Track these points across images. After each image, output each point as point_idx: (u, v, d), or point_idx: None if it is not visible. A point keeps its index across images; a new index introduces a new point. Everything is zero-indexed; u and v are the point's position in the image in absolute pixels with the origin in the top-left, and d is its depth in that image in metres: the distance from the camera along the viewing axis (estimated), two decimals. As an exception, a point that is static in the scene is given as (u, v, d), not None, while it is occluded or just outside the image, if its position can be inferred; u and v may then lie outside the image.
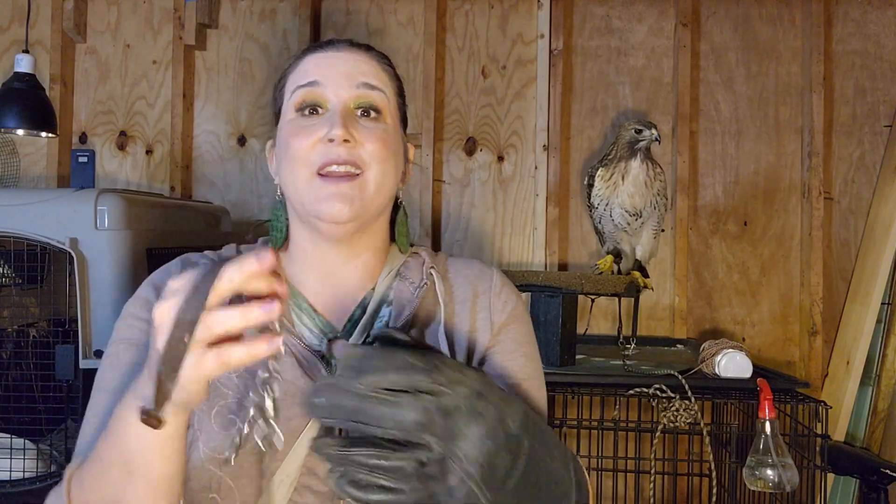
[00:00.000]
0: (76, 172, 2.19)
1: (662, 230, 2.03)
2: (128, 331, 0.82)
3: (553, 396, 1.55)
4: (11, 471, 1.42)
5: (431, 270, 0.88)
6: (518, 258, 2.15)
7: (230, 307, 0.58)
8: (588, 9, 2.17)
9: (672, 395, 1.49)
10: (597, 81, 2.16)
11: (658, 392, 1.50)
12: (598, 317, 2.11)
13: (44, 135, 2.05)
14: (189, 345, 0.56)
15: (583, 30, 2.17)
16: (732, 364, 1.53)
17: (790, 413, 1.54)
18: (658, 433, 1.48)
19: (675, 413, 1.48)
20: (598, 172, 1.94)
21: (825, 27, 2.07)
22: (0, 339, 1.56)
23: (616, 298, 2.03)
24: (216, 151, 2.23)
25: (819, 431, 1.49)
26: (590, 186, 1.96)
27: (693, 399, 1.48)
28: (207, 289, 0.57)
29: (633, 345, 1.89)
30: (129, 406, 0.63)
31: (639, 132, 1.87)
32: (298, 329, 0.83)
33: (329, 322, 0.84)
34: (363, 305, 0.85)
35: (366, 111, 0.83)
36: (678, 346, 1.96)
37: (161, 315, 0.58)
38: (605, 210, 1.93)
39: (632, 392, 1.51)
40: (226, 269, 0.58)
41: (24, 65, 1.93)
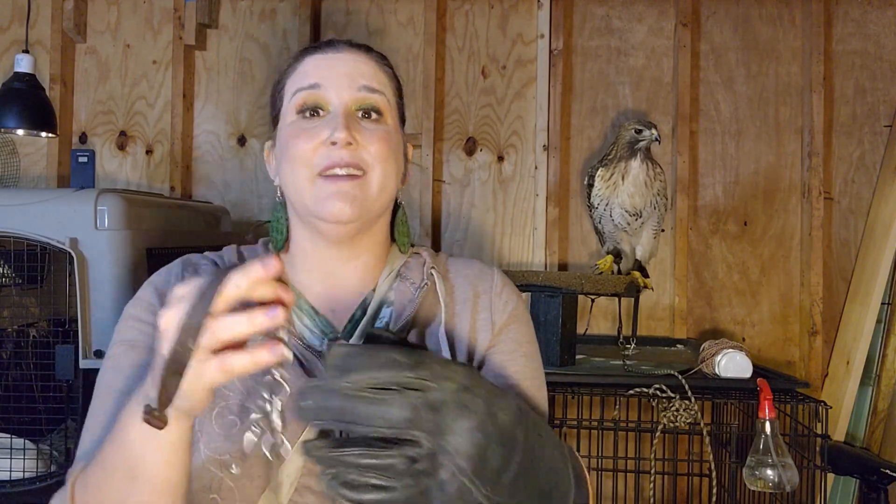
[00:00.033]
0: (76, 172, 2.19)
1: (662, 230, 2.03)
2: (129, 332, 0.82)
3: (553, 396, 1.55)
4: (11, 471, 1.42)
5: (432, 271, 0.88)
6: (518, 258, 2.15)
7: (236, 313, 0.58)
8: (588, 9, 2.17)
9: (672, 395, 1.49)
10: (597, 81, 2.16)
11: (658, 392, 1.50)
12: (598, 317, 2.11)
13: (44, 135, 2.05)
14: (193, 351, 0.57)
15: (583, 30, 2.17)
16: (732, 364, 1.53)
17: (790, 413, 1.54)
18: (658, 433, 1.48)
19: (675, 413, 1.48)
20: (598, 172, 1.94)
21: (825, 27, 2.07)
22: (0, 339, 1.56)
23: (616, 298, 2.03)
24: (216, 151, 2.23)
25: (819, 431, 1.49)
26: (590, 186, 1.96)
27: (693, 399, 1.48)
28: (213, 295, 0.57)
29: (633, 345, 1.88)
30: (133, 412, 0.63)
31: (639, 132, 1.87)
32: (299, 329, 0.84)
33: (329, 322, 0.84)
34: (364, 306, 0.85)
35: (367, 112, 0.83)
36: (678, 346, 1.96)
37: (167, 321, 0.58)
38: (605, 210, 1.93)
39: (632, 392, 1.51)
40: (232, 276, 0.58)
41: (24, 65, 1.93)
